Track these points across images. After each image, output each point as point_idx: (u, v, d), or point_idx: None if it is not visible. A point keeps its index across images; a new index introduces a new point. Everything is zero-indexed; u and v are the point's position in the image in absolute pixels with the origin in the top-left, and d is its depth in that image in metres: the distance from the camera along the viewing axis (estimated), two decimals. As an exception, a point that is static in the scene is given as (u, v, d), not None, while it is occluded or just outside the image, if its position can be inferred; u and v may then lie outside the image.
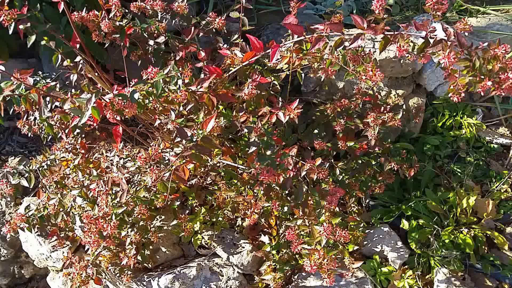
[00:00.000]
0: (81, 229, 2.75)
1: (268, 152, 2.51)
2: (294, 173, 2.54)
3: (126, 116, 2.31)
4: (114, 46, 3.28)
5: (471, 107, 3.94)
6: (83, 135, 3.07)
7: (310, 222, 2.58)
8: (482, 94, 2.04)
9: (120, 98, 2.19)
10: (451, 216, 3.34)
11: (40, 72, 3.28)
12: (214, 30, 3.08)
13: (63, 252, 3.28)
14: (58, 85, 2.75)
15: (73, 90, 2.82)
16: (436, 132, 3.87)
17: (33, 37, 2.61)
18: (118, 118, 2.29)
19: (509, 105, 3.93)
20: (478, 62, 1.94)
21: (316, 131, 3.30)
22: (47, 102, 2.70)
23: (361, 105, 3.15)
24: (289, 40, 2.43)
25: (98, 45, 3.39)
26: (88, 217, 2.51)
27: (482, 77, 1.94)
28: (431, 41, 2.03)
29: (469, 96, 4.02)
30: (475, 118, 3.87)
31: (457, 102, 3.61)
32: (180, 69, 2.47)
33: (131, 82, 2.47)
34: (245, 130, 2.63)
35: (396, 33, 2.11)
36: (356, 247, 3.21)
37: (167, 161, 2.37)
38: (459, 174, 3.64)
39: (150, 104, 2.43)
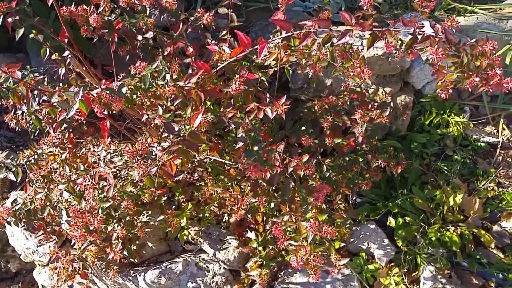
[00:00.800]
0: (67, 223, 2.73)
1: (256, 148, 2.49)
2: (281, 169, 2.54)
3: (114, 111, 2.29)
4: (102, 41, 3.31)
5: (459, 105, 3.93)
6: (71, 130, 3.06)
7: (296, 218, 2.57)
8: (470, 91, 2.06)
9: (108, 92, 2.18)
10: (438, 214, 3.34)
11: (28, 67, 3.28)
12: (202, 26, 3.08)
13: (49, 247, 3.26)
14: (46, 80, 2.74)
15: (60, 84, 2.82)
16: (424, 130, 3.86)
17: (22, 30, 2.62)
18: (106, 112, 2.27)
19: (497, 104, 3.93)
20: (466, 58, 1.95)
21: (303, 127, 3.30)
22: (35, 96, 2.69)
23: (348, 102, 3.14)
24: (278, 36, 2.43)
25: (87, 40, 3.38)
26: (74, 211, 2.50)
27: (470, 73, 1.96)
28: (419, 37, 2.04)
29: (457, 95, 4.02)
30: (462, 116, 3.86)
31: (444, 99, 3.67)
32: (168, 64, 2.46)
33: (119, 77, 2.47)
34: (233, 125, 2.62)
35: (384, 29, 2.11)
36: (342, 244, 3.19)
37: (154, 156, 2.36)
38: (446, 172, 3.63)
39: (138, 98, 2.42)
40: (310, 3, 4.05)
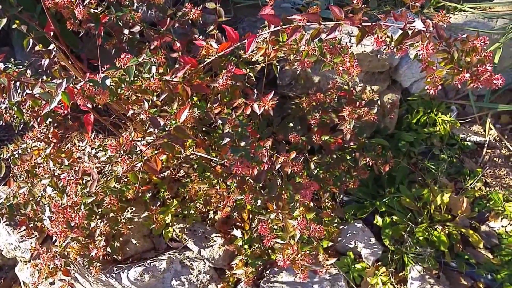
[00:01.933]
0: (49, 219, 2.65)
1: (242, 144, 2.43)
2: (269, 166, 2.47)
3: (99, 105, 2.25)
4: (89, 36, 3.26)
5: (445, 104, 3.90)
6: (56, 124, 3.00)
7: (283, 216, 2.50)
8: (457, 89, 2.01)
9: (91, 84, 2.10)
10: (425, 213, 3.28)
11: (12, 59, 3.21)
12: (190, 21, 3.02)
13: (31, 243, 3.18)
14: (30, 72, 2.67)
15: (44, 77, 2.74)
16: (411, 128, 3.82)
17: (4, 20, 2.52)
18: (90, 105, 2.22)
19: (484, 103, 3.90)
20: (457, 54, 1.90)
21: (291, 124, 3.24)
22: (17, 88, 2.60)
23: (336, 99, 3.08)
24: (266, 31, 2.36)
25: (73, 35, 3.33)
26: (56, 206, 2.41)
27: (460, 69, 1.91)
28: (410, 32, 1.98)
29: (444, 93, 3.99)
30: (449, 115, 3.83)
31: (432, 98, 3.63)
32: (154, 56, 2.40)
33: (103, 69, 2.39)
34: (219, 121, 2.56)
35: (373, 24, 2.04)
36: (330, 243, 3.14)
37: (139, 151, 2.29)
38: (433, 171, 3.58)
39: (122, 91, 2.36)
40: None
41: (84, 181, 2.62)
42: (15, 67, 2.85)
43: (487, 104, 3.89)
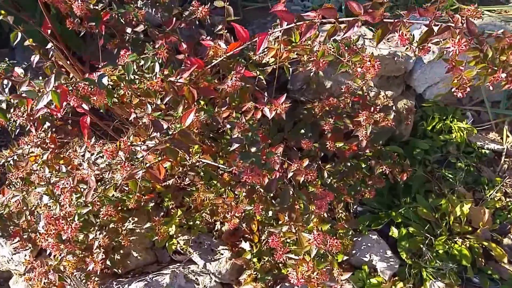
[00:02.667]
0: (40, 231, 2.40)
1: (253, 149, 2.18)
2: (280, 174, 2.21)
3: (97, 107, 2.04)
4: (93, 38, 3.07)
5: (460, 111, 3.67)
6: (54, 129, 2.75)
7: (297, 229, 2.22)
8: (491, 89, 1.78)
9: (87, 83, 1.82)
10: (444, 224, 3.01)
11: (6, 59, 2.98)
12: (197, 22, 2.81)
13: (25, 255, 2.91)
14: (23, 72, 2.41)
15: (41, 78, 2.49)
16: (426, 135, 3.57)
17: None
18: (86, 107, 1.97)
19: (500, 110, 3.70)
20: (491, 52, 1.69)
21: (302, 131, 3.00)
22: (4, 87, 2.33)
23: (350, 104, 2.84)
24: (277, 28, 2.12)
25: (76, 37, 3.15)
26: (48, 217, 2.12)
27: (495, 68, 1.70)
28: (436, 29, 1.74)
29: (457, 100, 3.75)
30: (465, 122, 3.58)
31: (446, 104, 3.37)
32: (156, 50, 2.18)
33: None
34: (228, 126, 2.34)
35: (396, 20, 1.80)
36: (345, 257, 2.89)
37: (141, 158, 2.03)
38: (450, 180, 3.31)
39: (121, 91, 2.15)
40: (309, 2, 3.82)
41: (81, 189, 2.35)
42: (7, 66, 2.61)
43: (503, 110, 3.69)
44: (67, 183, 2.25)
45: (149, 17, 2.87)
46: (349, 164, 2.91)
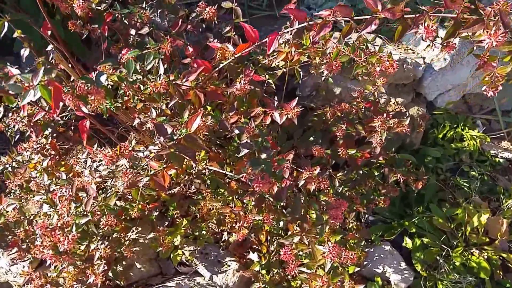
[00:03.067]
0: (31, 242, 2.24)
1: (263, 156, 2.01)
2: (291, 182, 2.05)
3: (100, 112, 1.96)
4: (98, 45, 2.91)
5: (471, 119, 3.52)
6: (55, 135, 2.63)
7: (309, 240, 2.04)
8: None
9: (84, 81, 1.64)
10: (460, 235, 2.82)
11: (8, 63, 2.83)
12: (204, 25, 2.75)
13: (24, 266, 2.73)
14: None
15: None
16: (437, 143, 3.40)
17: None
18: (85, 110, 1.82)
19: (511, 118, 3.56)
20: None
21: (312, 137, 2.86)
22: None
23: (362, 110, 2.70)
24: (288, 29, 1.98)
25: (80, 43, 3.09)
26: (43, 227, 1.94)
27: None
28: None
29: (467, 108, 3.64)
30: (476, 130, 3.42)
31: (457, 112, 3.21)
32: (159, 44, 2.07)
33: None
34: (236, 131, 2.16)
35: (418, 15, 1.63)
36: (357, 269, 2.71)
37: (145, 165, 1.87)
38: (464, 189, 3.14)
39: (125, 97, 2.03)
40: (316, 11, 3.65)
41: (82, 198, 2.17)
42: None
43: (514, 119, 3.55)
44: (66, 191, 2.08)
45: (156, 24, 2.74)
46: (361, 172, 2.75)
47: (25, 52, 2.33)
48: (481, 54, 1.61)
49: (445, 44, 1.79)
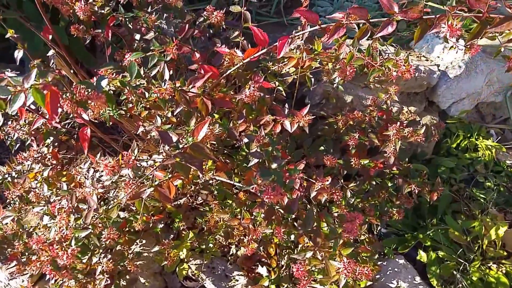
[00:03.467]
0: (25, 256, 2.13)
1: (274, 165, 1.88)
2: (301, 193, 1.94)
3: (103, 119, 1.89)
4: (103, 52, 2.87)
5: (485, 128, 3.39)
6: (56, 144, 2.51)
7: (322, 255, 1.91)
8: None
9: (84, 86, 1.50)
10: (476, 248, 2.67)
11: (9, 70, 2.75)
12: (211, 30, 2.63)
13: (23, 281, 2.60)
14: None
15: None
16: (450, 153, 3.28)
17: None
18: (86, 117, 1.71)
19: None
20: None
21: (322, 147, 2.75)
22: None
23: (376, 118, 2.58)
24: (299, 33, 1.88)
25: (85, 50, 3.02)
26: (39, 242, 1.80)
27: None
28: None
29: (480, 117, 3.51)
30: (491, 139, 3.29)
31: (470, 121, 3.09)
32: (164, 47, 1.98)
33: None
34: (245, 140, 2.06)
35: (438, 15, 1.51)
36: (369, 283, 2.57)
37: (150, 175, 1.77)
38: (480, 200, 2.99)
39: (123, 96, 1.92)
40: (326, 18, 3.55)
41: (83, 209, 2.04)
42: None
43: (529, 128, 3.42)
44: (65, 203, 1.95)
45: (164, 33, 2.63)
46: (374, 182, 2.63)
47: (19, 54, 2.19)
48: (510, 55, 1.48)
49: (468, 46, 1.66)
